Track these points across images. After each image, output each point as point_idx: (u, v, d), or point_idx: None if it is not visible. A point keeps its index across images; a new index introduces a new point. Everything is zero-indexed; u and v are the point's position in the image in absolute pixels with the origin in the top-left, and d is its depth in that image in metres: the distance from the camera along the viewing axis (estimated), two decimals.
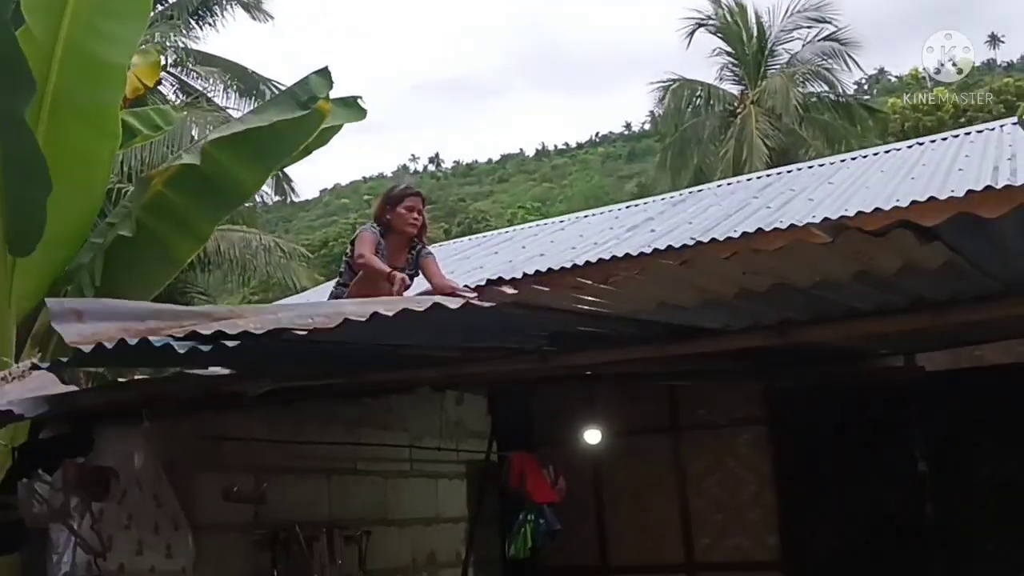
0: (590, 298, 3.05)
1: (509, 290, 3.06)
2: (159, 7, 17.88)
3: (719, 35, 24.85)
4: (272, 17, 20.24)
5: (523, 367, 4.27)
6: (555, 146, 74.03)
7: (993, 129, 9.13)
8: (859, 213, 4.18)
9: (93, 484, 4.77)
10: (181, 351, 3.01)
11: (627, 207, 10.73)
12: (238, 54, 20.61)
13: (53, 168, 5.08)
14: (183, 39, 19.15)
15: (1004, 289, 3.27)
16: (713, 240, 5.70)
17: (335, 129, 6.67)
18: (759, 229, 5.24)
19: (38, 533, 5.13)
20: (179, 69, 20.32)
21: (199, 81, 20.40)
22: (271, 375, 4.35)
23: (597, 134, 77.67)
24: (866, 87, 63.72)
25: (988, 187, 4.87)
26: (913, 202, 4.82)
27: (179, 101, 20.02)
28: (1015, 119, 6.65)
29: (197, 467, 5.01)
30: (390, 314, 2.94)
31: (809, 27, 23.76)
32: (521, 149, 75.42)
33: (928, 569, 6.48)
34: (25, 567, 5.06)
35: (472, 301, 3.01)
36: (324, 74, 5.53)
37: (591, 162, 63.00)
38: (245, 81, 20.53)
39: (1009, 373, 6.25)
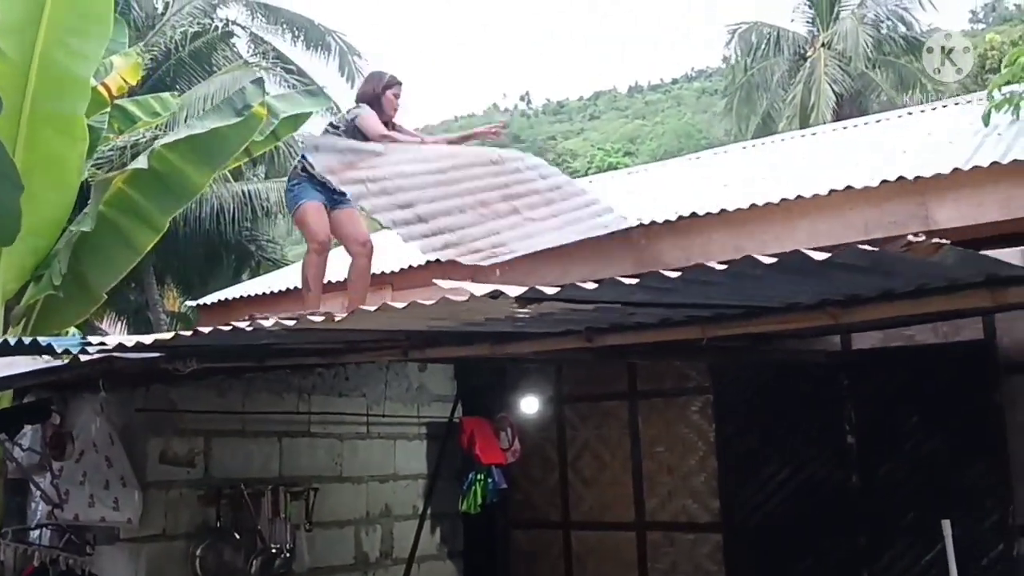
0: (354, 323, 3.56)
1: (316, 318, 3.55)
2: None
3: None
4: None
5: (389, 358, 4.88)
6: (648, 82, 72.43)
7: None
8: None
9: (55, 445, 5.62)
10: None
11: (646, 168, 11.01)
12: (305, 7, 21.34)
13: (30, 169, 5.86)
14: None
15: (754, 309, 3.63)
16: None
17: (304, 116, 7.40)
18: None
19: (22, 484, 6.05)
20: (252, 21, 21.38)
21: (268, 33, 21.39)
22: (195, 356, 5.05)
23: (693, 68, 75.70)
24: (980, 15, 60.13)
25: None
26: None
27: (250, 53, 21.11)
28: None
29: (149, 432, 5.77)
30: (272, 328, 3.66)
31: None
32: (614, 86, 74.14)
33: (852, 535, 6.82)
34: (12, 511, 5.98)
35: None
36: (258, 83, 6.19)
37: (686, 98, 61.59)
38: (311, 35, 21.34)
39: (935, 353, 6.48)
